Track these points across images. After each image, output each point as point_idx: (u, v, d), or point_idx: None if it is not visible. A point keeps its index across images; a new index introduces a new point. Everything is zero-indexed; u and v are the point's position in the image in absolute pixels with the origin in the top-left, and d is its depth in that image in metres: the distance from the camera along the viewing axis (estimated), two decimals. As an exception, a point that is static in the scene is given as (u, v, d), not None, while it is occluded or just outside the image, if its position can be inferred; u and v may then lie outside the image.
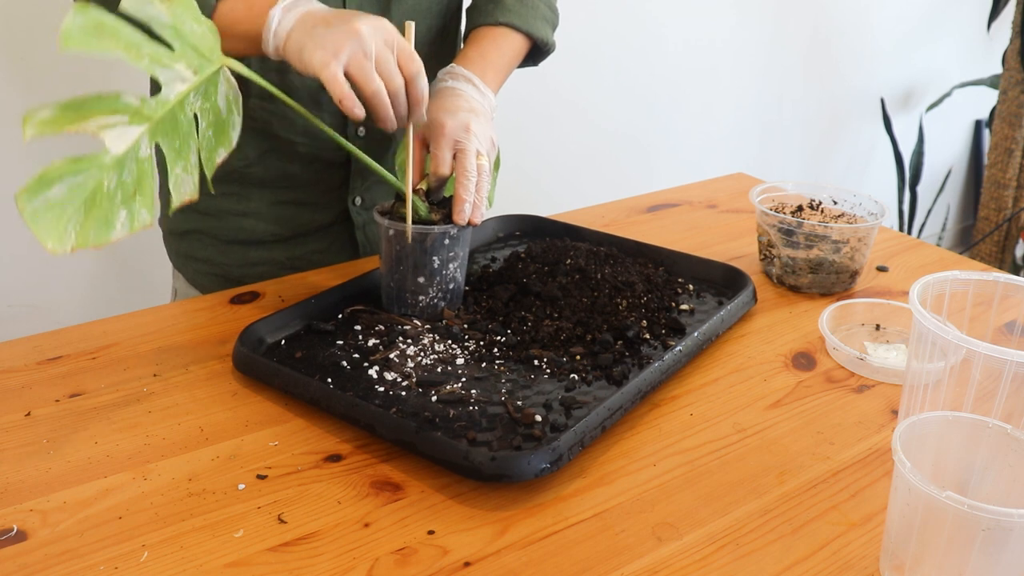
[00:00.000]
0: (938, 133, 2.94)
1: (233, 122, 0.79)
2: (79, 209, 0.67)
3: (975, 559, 0.53)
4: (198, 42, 0.76)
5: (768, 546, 0.62)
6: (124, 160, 0.70)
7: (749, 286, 0.94)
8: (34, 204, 0.65)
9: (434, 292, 0.89)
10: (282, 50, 0.81)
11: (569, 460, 0.67)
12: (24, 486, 0.67)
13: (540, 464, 0.65)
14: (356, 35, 0.77)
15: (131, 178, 0.71)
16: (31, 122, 0.65)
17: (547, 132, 2.09)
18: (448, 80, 0.94)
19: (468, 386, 0.77)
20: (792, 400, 0.79)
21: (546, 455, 0.66)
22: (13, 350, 0.86)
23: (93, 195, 0.68)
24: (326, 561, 0.60)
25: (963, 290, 0.73)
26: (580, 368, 0.80)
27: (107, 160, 0.69)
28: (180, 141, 0.75)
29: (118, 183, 0.70)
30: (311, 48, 0.78)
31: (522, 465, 0.65)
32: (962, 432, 0.59)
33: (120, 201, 0.70)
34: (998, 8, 2.62)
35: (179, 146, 0.75)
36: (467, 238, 0.90)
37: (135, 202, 0.71)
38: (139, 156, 0.71)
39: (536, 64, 1.08)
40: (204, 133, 0.77)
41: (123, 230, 0.70)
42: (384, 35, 0.79)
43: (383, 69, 0.79)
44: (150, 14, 0.73)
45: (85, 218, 0.67)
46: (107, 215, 0.69)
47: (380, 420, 0.71)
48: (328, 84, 0.77)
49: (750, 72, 2.46)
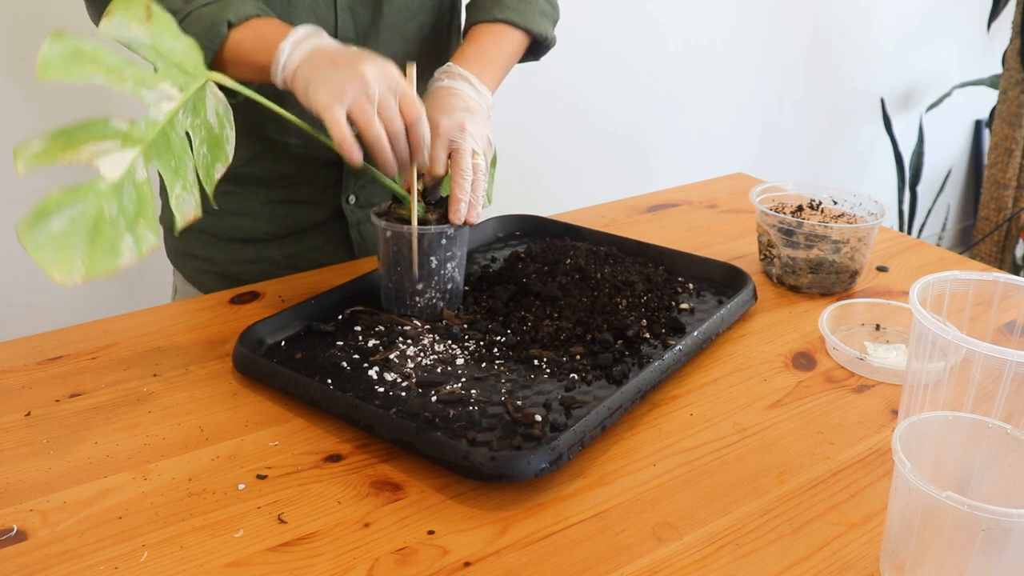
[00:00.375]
0: (938, 133, 2.94)
1: (227, 136, 0.79)
2: (83, 239, 0.67)
3: (975, 559, 0.53)
4: (180, 59, 0.76)
5: (768, 546, 0.62)
6: (121, 186, 0.70)
7: (749, 285, 0.94)
8: (36, 237, 0.65)
9: (432, 292, 0.89)
10: (289, 83, 0.82)
11: (569, 460, 0.67)
12: (24, 486, 0.67)
13: (540, 464, 0.65)
14: (361, 79, 0.78)
15: (131, 203, 0.71)
16: (22, 156, 0.65)
17: (547, 132, 2.09)
18: (445, 79, 0.94)
19: (468, 386, 0.77)
20: (792, 400, 0.79)
21: (546, 455, 0.66)
22: (13, 350, 0.86)
23: (95, 224, 0.68)
24: (326, 561, 0.60)
25: (963, 290, 0.73)
26: (580, 368, 0.80)
27: (103, 187, 0.69)
28: (176, 160, 0.75)
29: (119, 209, 0.69)
30: (316, 87, 0.79)
31: (522, 465, 0.65)
32: (962, 432, 0.59)
33: (124, 227, 0.70)
34: (998, 8, 2.62)
35: (175, 165, 0.75)
36: (465, 238, 0.90)
37: (139, 226, 0.71)
38: (136, 180, 0.71)
39: (537, 59, 1.08)
40: (199, 150, 0.77)
41: (131, 256, 0.70)
42: (388, 80, 0.80)
43: (384, 114, 0.80)
44: (129, 36, 0.73)
45: (91, 247, 0.67)
46: (112, 242, 0.69)
47: (380, 421, 0.71)
48: (330, 127, 0.79)
49: (750, 72, 2.46)
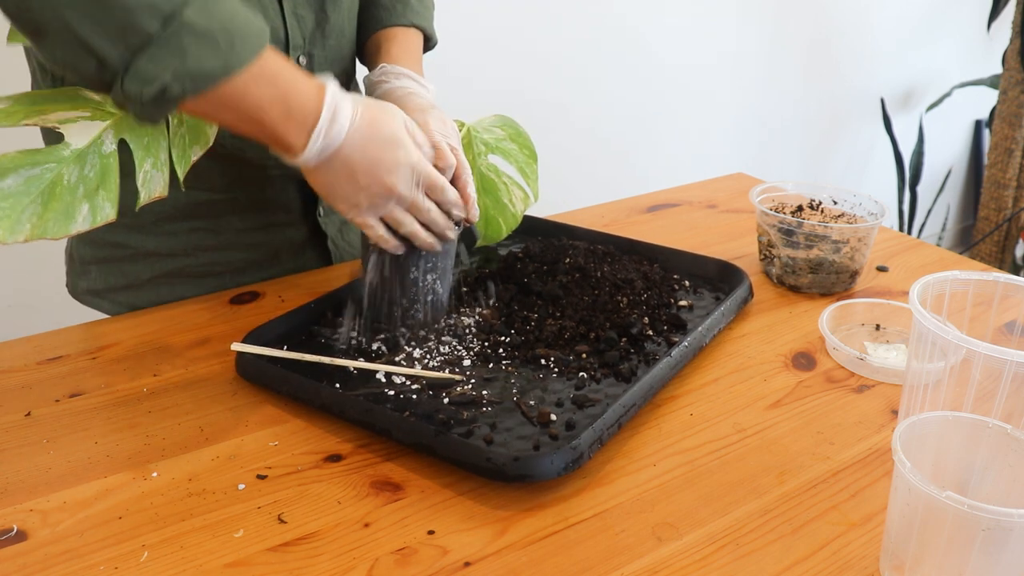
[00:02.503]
0: (938, 133, 2.94)
1: None
2: (35, 201, 0.65)
3: (975, 559, 0.53)
4: None
5: (768, 546, 0.62)
6: (86, 154, 0.68)
7: (745, 280, 0.94)
8: None
9: (409, 304, 0.86)
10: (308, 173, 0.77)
11: (589, 458, 0.68)
12: (24, 486, 0.67)
13: (562, 463, 0.66)
14: (390, 194, 0.77)
15: (94, 172, 0.69)
16: None
17: (547, 132, 2.09)
18: (392, 81, 0.92)
19: (478, 387, 0.77)
20: (792, 400, 0.79)
21: (567, 454, 0.66)
22: (13, 350, 0.86)
23: (52, 187, 0.66)
24: (326, 561, 0.60)
25: (963, 290, 0.73)
26: (588, 366, 0.80)
27: (67, 154, 0.67)
28: (148, 138, 0.73)
29: (79, 177, 0.68)
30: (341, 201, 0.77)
31: (545, 465, 0.65)
32: (962, 432, 0.59)
33: (83, 195, 0.68)
34: (998, 8, 2.62)
35: (147, 143, 0.73)
36: (448, 249, 0.86)
37: (98, 196, 0.69)
38: (102, 151, 0.69)
39: None
40: (176, 130, 0.75)
41: (84, 223, 0.68)
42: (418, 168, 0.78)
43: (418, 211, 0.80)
44: None
45: (44, 210, 0.65)
46: (68, 208, 0.67)
47: (397, 424, 0.70)
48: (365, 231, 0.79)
49: (750, 72, 2.46)
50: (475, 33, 1.88)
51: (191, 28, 0.63)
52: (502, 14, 1.93)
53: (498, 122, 1.02)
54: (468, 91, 1.62)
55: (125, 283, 0.98)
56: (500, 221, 1.01)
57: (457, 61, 1.63)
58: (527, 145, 1.01)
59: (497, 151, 1.00)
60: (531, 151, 1.01)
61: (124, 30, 0.62)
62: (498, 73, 1.93)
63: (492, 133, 1.00)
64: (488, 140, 1.00)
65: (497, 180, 1.00)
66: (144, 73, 0.63)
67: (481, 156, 0.99)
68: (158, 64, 0.63)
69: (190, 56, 0.64)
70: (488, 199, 1.00)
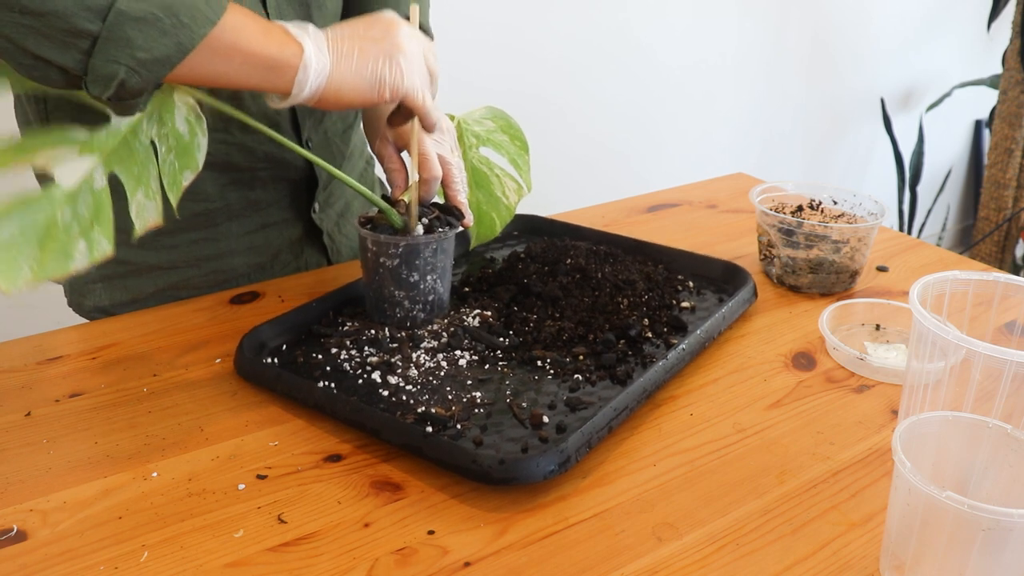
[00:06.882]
0: (938, 133, 2.95)
1: (198, 144, 0.76)
2: (33, 246, 0.64)
3: (975, 559, 0.53)
4: None
5: (768, 546, 0.62)
6: (77, 193, 0.67)
7: (749, 282, 0.94)
8: None
9: (411, 304, 0.86)
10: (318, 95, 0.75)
11: (577, 462, 0.67)
12: (24, 486, 0.67)
13: (548, 466, 0.65)
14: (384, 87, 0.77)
15: (87, 210, 0.68)
16: None
17: (547, 132, 2.09)
18: None
19: (473, 388, 0.77)
20: (792, 400, 0.79)
21: (555, 457, 0.66)
22: (13, 350, 0.86)
23: (47, 230, 0.65)
24: (326, 561, 0.60)
25: (963, 290, 0.73)
26: (584, 368, 0.80)
27: (58, 194, 0.66)
28: (138, 168, 0.72)
29: (73, 215, 0.67)
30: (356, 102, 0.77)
31: (531, 468, 0.65)
32: (962, 432, 0.59)
33: (78, 232, 0.67)
34: (998, 8, 2.62)
35: (138, 172, 0.72)
36: (448, 248, 0.87)
37: (93, 232, 0.68)
38: (94, 188, 0.68)
39: None
40: (165, 158, 0.74)
41: (83, 260, 0.67)
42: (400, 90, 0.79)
43: None
44: None
45: (41, 253, 0.64)
46: (64, 247, 0.66)
47: (387, 425, 0.70)
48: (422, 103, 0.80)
49: (751, 72, 2.46)
50: (475, 33, 1.88)
51: (128, 16, 0.62)
52: (502, 14, 1.93)
53: (488, 114, 1.01)
54: (468, 91, 1.61)
55: (131, 298, 0.98)
56: (493, 216, 1.00)
57: (458, 61, 1.63)
58: (518, 136, 1.01)
59: (488, 143, 0.99)
60: (523, 142, 1.01)
61: (67, 35, 0.62)
62: (497, 73, 1.93)
63: (483, 125, 1.00)
64: (479, 132, 0.99)
65: (489, 173, 0.99)
66: (100, 72, 0.63)
67: (472, 149, 0.98)
68: (110, 60, 0.63)
69: (137, 45, 0.63)
70: (480, 193, 0.99)
